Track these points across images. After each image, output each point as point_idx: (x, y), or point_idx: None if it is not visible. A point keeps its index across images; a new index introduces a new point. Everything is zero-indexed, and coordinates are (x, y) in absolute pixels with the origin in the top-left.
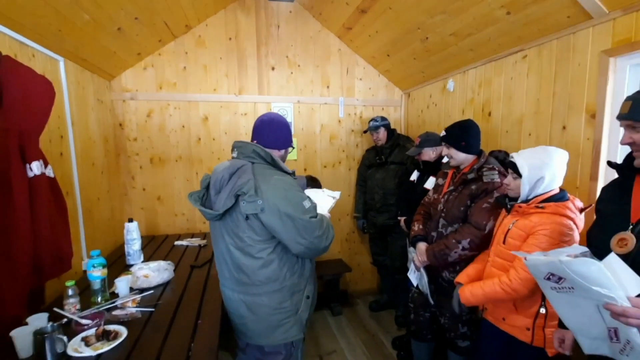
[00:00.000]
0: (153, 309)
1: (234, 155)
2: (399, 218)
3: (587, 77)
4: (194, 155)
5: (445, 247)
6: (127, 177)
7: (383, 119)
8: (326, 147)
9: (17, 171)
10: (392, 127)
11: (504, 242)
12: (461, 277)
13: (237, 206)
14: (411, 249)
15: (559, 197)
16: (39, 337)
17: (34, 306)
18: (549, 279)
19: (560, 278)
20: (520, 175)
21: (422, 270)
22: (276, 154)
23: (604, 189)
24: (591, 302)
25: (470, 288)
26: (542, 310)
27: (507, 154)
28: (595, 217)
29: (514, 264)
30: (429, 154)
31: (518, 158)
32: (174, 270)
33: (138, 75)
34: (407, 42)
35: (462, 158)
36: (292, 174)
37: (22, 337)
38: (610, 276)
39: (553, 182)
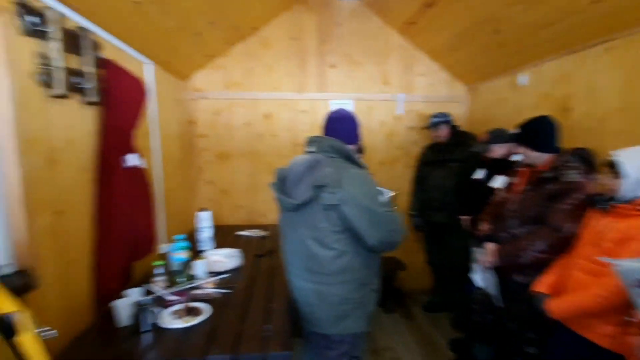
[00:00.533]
0: (231, 291)
1: (312, 149)
2: (460, 217)
3: None
4: (256, 151)
5: (518, 249)
6: (197, 171)
7: (445, 115)
8: (383, 144)
9: (116, 163)
10: (454, 123)
11: (596, 246)
12: (541, 287)
13: (317, 197)
14: (477, 249)
15: None
16: (138, 308)
17: (125, 283)
18: (639, 286)
19: None
20: (620, 175)
21: (489, 270)
22: (353, 148)
23: None
24: None
25: (559, 304)
26: (629, 318)
27: (589, 152)
28: None
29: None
30: (498, 150)
31: (621, 156)
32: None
33: (208, 76)
34: (476, 35)
35: (537, 157)
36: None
37: (121, 307)
38: None
39: None
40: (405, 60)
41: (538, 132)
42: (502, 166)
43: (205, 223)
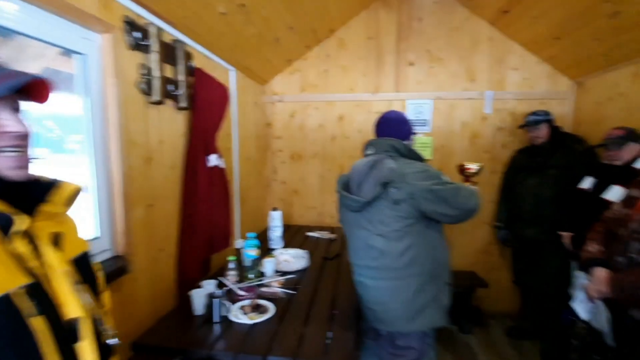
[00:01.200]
0: (295, 292)
1: (371, 151)
2: (559, 233)
3: None
4: (328, 153)
5: None
6: (271, 171)
7: (546, 113)
8: (466, 147)
9: (201, 162)
10: (555, 124)
11: None
12: None
13: (384, 194)
14: (581, 274)
15: None
16: (213, 299)
17: (203, 273)
18: None
19: None
20: None
21: (599, 302)
22: (408, 143)
23: None
24: None
25: None
26: None
27: None
28: None
29: None
30: (632, 151)
31: None
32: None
33: (286, 80)
34: (586, 19)
35: None
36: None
37: (197, 296)
38: None
39: None
40: (495, 53)
41: None
42: (619, 174)
43: (276, 222)
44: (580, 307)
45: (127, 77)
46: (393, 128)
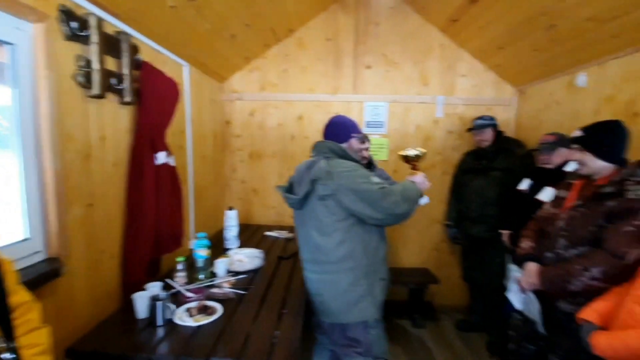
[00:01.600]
0: (245, 292)
1: (313, 153)
2: (500, 231)
3: None
4: (287, 152)
5: (566, 273)
6: (230, 170)
7: (491, 118)
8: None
9: (147, 160)
10: (500, 129)
11: None
12: (589, 314)
13: (315, 190)
14: (514, 267)
15: None
16: (154, 302)
17: (152, 275)
18: None
19: None
20: None
21: (530, 294)
22: (345, 146)
23: None
24: None
25: (609, 340)
26: None
27: None
28: None
29: None
30: (562, 155)
31: None
32: (264, 259)
33: (245, 78)
34: (526, 31)
35: (598, 167)
36: (363, 164)
37: (141, 300)
38: None
39: None
40: (446, 60)
41: (607, 137)
42: (552, 177)
43: (231, 222)
44: (514, 297)
45: (63, 69)
46: (334, 131)
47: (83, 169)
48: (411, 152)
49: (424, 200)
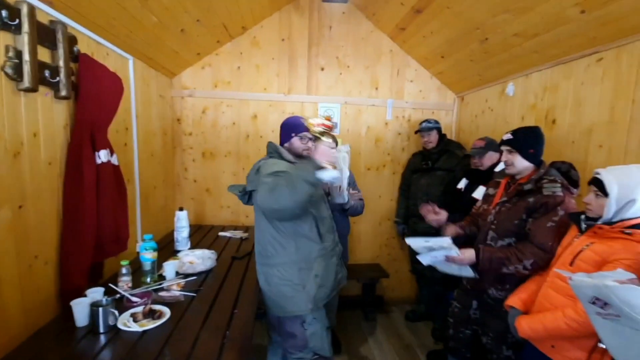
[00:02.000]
0: (195, 294)
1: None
2: None
3: None
4: (242, 151)
5: (505, 258)
6: (181, 169)
7: (436, 121)
8: (371, 149)
9: (87, 158)
10: (443, 132)
11: (571, 264)
12: (514, 301)
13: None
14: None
15: None
16: (94, 308)
17: (94, 280)
18: (594, 303)
19: (605, 304)
20: (604, 194)
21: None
22: (286, 146)
23: None
24: (638, 333)
25: (530, 323)
26: (601, 345)
27: (571, 166)
28: None
29: None
30: (492, 158)
31: (607, 175)
32: (217, 260)
33: (196, 74)
34: (464, 43)
35: (523, 167)
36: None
37: (80, 307)
38: None
39: None
40: (395, 65)
41: (531, 141)
42: (483, 177)
43: (182, 222)
44: (424, 257)
45: None
46: (281, 132)
47: (11, 167)
48: (316, 126)
49: (328, 175)
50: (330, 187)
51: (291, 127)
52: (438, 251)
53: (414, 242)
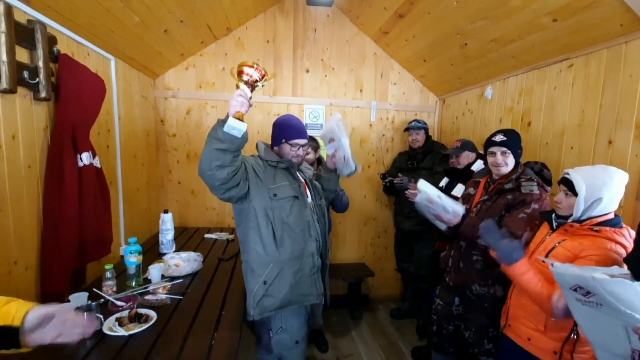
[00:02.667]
0: (182, 297)
1: None
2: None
3: (639, 89)
4: None
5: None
6: (165, 170)
7: (424, 122)
8: (356, 150)
9: (68, 161)
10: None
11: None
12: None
13: None
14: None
15: (615, 222)
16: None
17: (76, 285)
18: (575, 290)
19: (588, 292)
20: (574, 193)
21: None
22: (276, 150)
23: None
24: (619, 321)
25: (528, 272)
26: (574, 335)
27: (543, 166)
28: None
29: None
30: (468, 157)
31: (575, 175)
32: (203, 262)
33: (180, 75)
34: (444, 47)
35: (510, 166)
36: (284, 167)
37: None
38: None
39: (610, 204)
40: (379, 68)
41: (519, 142)
42: (461, 175)
43: (167, 225)
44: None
45: None
46: (272, 132)
47: None
48: (244, 74)
49: (236, 125)
50: (336, 162)
51: (283, 132)
52: (437, 205)
53: (427, 187)
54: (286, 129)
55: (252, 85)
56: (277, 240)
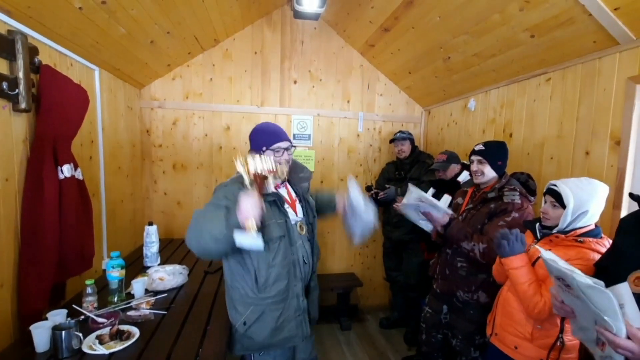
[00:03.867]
0: (165, 312)
1: None
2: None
3: (612, 103)
4: (214, 163)
5: (470, 235)
6: (150, 182)
7: (409, 133)
8: (344, 160)
9: (49, 173)
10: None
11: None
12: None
13: None
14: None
15: (596, 232)
16: (57, 332)
17: (55, 301)
18: (559, 279)
19: (568, 285)
20: (560, 204)
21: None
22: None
23: (623, 220)
24: (590, 313)
25: (523, 267)
26: (559, 343)
27: (529, 177)
28: (611, 247)
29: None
30: (454, 169)
31: (564, 187)
32: (188, 275)
33: (167, 85)
34: (429, 60)
35: (490, 177)
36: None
37: (40, 330)
38: (618, 310)
39: (594, 216)
40: (366, 79)
41: (499, 153)
42: (448, 186)
43: (151, 237)
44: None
45: None
46: (250, 141)
47: None
48: (250, 164)
49: (247, 241)
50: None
51: (261, 139)
52: (427, 201)
53: (418, 190)
54: (264, 136)
55: (260, 181)
56: (258, 284)
